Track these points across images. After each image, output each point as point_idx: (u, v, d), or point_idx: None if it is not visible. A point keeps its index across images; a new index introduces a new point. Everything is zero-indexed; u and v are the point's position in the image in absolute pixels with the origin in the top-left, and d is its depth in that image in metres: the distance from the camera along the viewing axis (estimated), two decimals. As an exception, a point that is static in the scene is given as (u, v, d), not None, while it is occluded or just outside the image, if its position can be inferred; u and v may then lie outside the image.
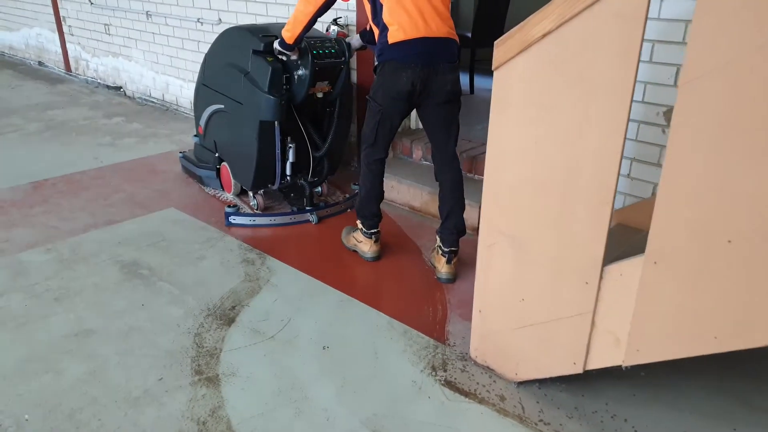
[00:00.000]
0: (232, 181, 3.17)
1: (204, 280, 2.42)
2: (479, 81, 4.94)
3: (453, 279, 2.48)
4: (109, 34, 5.56)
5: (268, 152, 2.88)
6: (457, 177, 2.44)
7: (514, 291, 1.75)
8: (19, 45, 7.19)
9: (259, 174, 2.94)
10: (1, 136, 4.23)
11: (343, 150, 3.32)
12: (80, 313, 2.17)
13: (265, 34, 2.81)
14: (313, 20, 2.49)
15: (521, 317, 1.75)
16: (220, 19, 4.31)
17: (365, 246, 2.64)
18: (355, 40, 2.95)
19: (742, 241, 1.28)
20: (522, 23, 1.54)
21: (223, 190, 3.30)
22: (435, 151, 2.48)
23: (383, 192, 2.61)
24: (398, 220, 3.07)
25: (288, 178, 3.04)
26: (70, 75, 6.33)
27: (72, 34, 6.13)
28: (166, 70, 5.05)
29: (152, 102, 5.27)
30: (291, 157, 2.97)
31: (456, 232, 2.45)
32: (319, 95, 2.91)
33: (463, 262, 2.56)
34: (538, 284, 1.69)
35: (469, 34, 4.65)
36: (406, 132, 3.56)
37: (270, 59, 2.75)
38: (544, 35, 1.50)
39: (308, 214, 3.02)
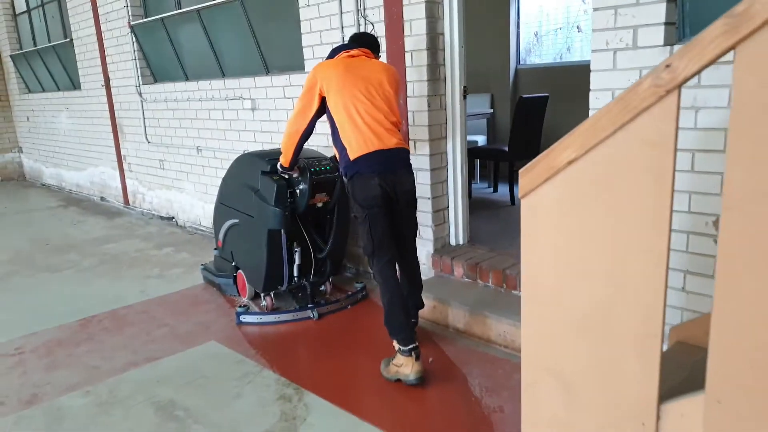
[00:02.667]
0: (247, 286, 3.52)
1: (239, 420, 2.32)
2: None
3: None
4: (163, 169, 5.93)
5: (277, 257, 3.25)
6: (415, 263, 2.80)
7: (567, 436, 1.56)
8: (84, 183, 7.77)
9: (269, 276, 3.29)
10: (58, 273, 4.42)
11: (344, 251, 3.69)
12: (111, 464, 2.09)
13: (272, 157, 3.21)
14: (298, 148, 2.80)
15: (579, 466, 1.55)
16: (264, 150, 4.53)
17: (406, 368, 2.48)
18: None
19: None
20: (547, 150, 1.50)
21: (239, 294, 3.66)
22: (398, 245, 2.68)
23: (406, 298, 2.64)
24: (442, 344, 2.92)
25: (296, 279, 3.36)
26: (128, 208, 6.71)
27: (131, 170, 6.58)
28: (215, 200, 5.27)
29: (201, 230, 5.47)
30: (297, 259, 3.34)
31: (414, 306, 2.79)
32: (319, 205, 3.29)
33: (506, 388, 2.38)
34: (592, 428, 1.51)
35: (506, 148, 4.71)
36: (446, 249, 3.51)
37: (276, 178, 3.16)
38: (570, 162, 1.46)
39: (309, 311, 3.30)
